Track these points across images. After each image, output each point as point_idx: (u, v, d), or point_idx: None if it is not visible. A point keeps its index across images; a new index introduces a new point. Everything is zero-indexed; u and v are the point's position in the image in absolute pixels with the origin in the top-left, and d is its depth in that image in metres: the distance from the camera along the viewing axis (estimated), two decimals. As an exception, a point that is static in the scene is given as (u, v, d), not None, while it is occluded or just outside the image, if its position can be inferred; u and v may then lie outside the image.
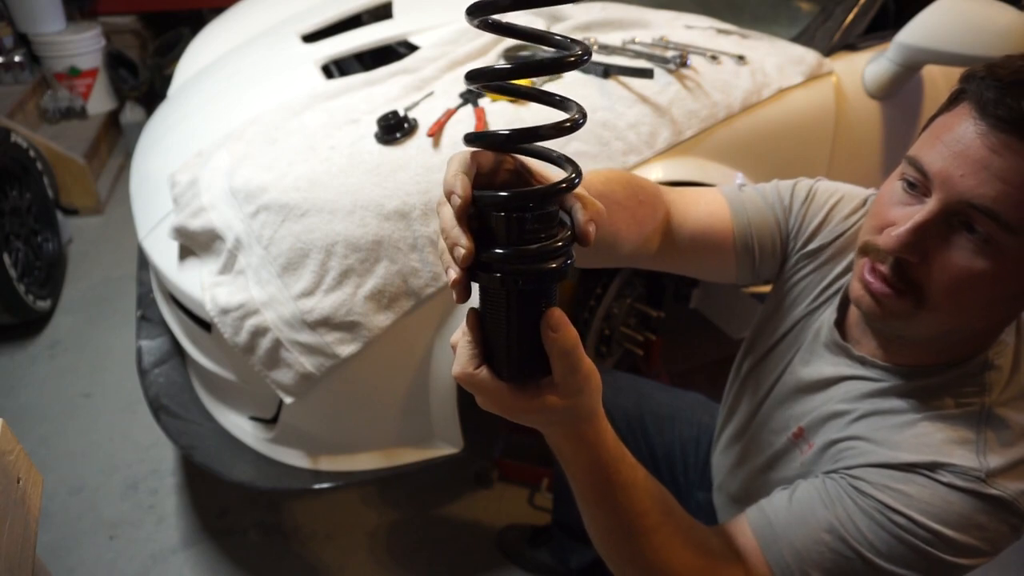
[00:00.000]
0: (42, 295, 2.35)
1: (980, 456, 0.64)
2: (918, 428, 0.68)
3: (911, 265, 0.63)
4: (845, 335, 0.79)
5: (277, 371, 1.24)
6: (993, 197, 0.57)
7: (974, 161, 0.58)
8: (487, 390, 0.49)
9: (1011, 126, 0.56)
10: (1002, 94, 0.57)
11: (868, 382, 0.74)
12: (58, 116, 3.34)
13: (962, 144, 0.59)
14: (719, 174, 1.40)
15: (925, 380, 0.70)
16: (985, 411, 0.66)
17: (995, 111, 0.57)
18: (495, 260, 0.44)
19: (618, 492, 0.59)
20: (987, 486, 0.62)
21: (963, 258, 0.60)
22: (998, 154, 0.57)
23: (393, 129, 1.28)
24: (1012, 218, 0.57)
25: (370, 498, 1.78)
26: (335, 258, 1.19)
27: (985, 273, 0.60)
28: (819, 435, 0.77)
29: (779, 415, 0.86)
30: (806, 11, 1.71)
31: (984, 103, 0.58)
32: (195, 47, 2.28)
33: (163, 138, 1.74)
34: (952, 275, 0.61)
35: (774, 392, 0.88)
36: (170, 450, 1.89)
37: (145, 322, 1.68)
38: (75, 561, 1.63)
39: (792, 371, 0.85)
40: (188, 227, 1.33)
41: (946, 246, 0.61)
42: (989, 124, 0.58)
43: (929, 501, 0.63)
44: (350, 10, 2.09)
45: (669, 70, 1.38)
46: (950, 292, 0.62)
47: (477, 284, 0.46)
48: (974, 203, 0.58)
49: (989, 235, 0.59)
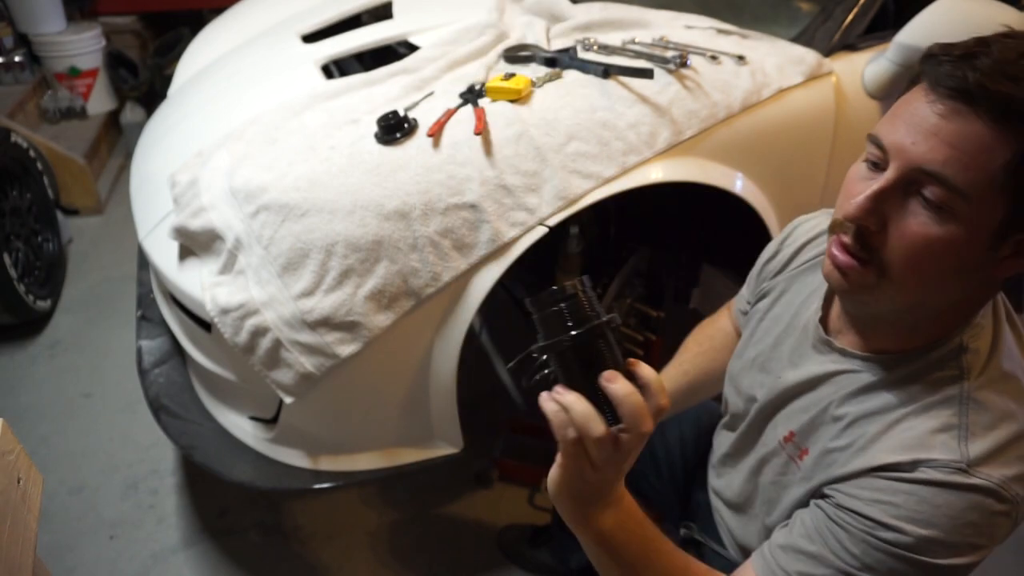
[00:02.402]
0: (42, 295, 2.35)
1: (962, 444, 0.64)
2: (903, 424, 0.69)
3: (871, 233, 0.66)
4: (828, 329, 0.81)
5: (277, 371, 1.24)
6: (942, 161, 0.60)
7: (925, 129, 0.61)
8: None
9: (959, 93, 0.59)
10: (952, 67, 0.60)
11: (852, 375, 0.75)
12: (58, 116, 3.34)
13: (916, 116, 0.62)
14: (719, 174, 1.40)
15: (905, 368, 0.71)
16: (965, 395, 0.67)
17: (945, 82, 0.60)
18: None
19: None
20: (969, 476, 0.63)
21: (919, 225, 0.63)
22: (946, 120, 0.60)
23: (393, 129, 1.28)
24: (961, 181, 0.59)
25: (370, 498, 1.78)
26: (335, 258, 1.19)
27: (940, 240, 0.62)
28: (812, 441, 0.78)
29: (770, 417, 0.87)
30: (806, 11, 1.70)
31: (936, 76, 0.61)
32: (195, 47, 2.28)
33: (163, 138, 1.74)
34: (909, 242, 0.63)
35: (763, 392, 0.88)
36: (170, 450, 1.89)
37: (145, 322, 1.68)
38: (75, 561, 1.63)
39: (781, 374, 0.86)
40: (188, 227, 1.33)
41: (903, 214, 0.64)
42: (939, 94, 0.61)
43: (916, 508, 0.64)
44: (350, 10, 2.09)
45: (669, 70, 1.38)
46: (908, 260, 0.64)
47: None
48: (925, 168, 0.61)
49: (942, 201, 0.61)
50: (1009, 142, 0.58)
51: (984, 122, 0.58)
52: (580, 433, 0.57)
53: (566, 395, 0.57)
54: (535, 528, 1.65)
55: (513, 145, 1.26)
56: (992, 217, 0.61)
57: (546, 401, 0.58)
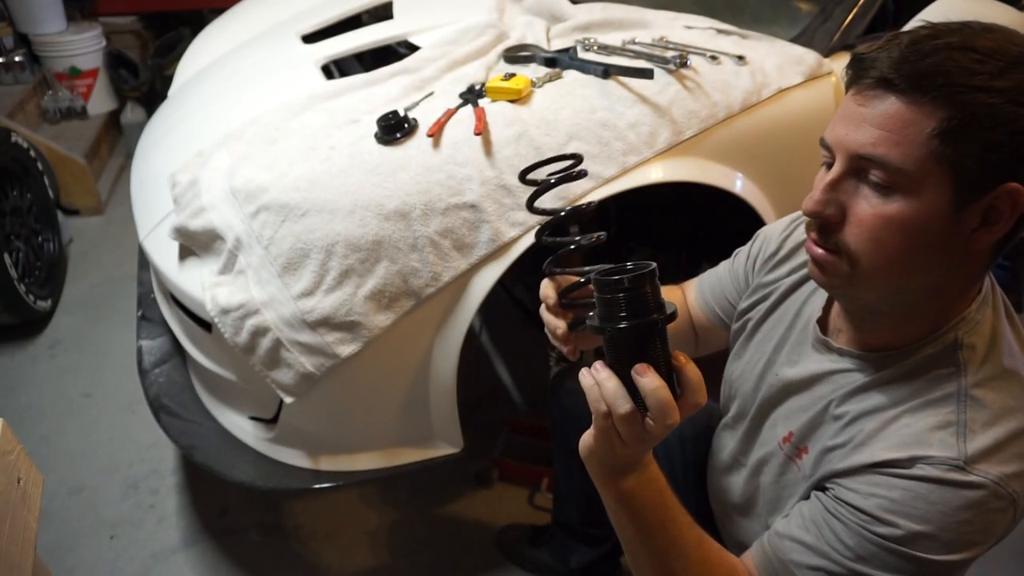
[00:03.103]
0: (43, 295, 2.35)
1: (960, 441, 0.65)
2: (901, 421, 0.69)
3: (833, 224, 0.69)
4: (827, 329, 0.82)
5: (277, 371, 1.24)
6: (873, 143, 0.63)
7: (854, 119, 0.66)
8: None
9: (876, 82, 0.64)
10: (868, 62, 0.65)
11: (849, 374, 0.76)
12: (59, 116, 3.34)
13: (846, 110, 0.67)
14: (719, 174, 1.40)
15: (901, 364, 0.72)
16: (962, 392, 0.67)
17: (865, 76, 0.65)
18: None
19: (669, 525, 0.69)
20: (966, 473, 0.63)
21: (871, 207, 0.66)
22: (869, 107, 0.64)
23: (393, 129, 1.28)
24: (895, 158, 0.63)
25: (370, 498, 1.78)
26: (335, 258, 1.19)
27: (894, 218, 0.64)
28: (811, 441, 0.78)
29: (767, 417, 0.87)
30: (806, 11, 1.71)
31: (858, 74, 0.66)
32: (195, 47, 2.28)
33: (163, 138, 1.74)
34: (865, 225, 0.66)
35: (762, 392, 0.89)
36: (170, 450, 1.89)
37: (145, 322, 1.68)
38: (75, 561, 1.63)
39: (778, 372, 0.86)
40: (188, 227, 1.33)
41: (856, 200, 0.67)
42: (861, 86, 0.66)
43: (911, 504, 0.64)
44: (350, 10, 2.09)
45: (669, 70, 1.38)
46: (870, 243, 0.66)
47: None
48: (861, 153, 0.65)
49: (886, 181, 0.64)
50: (929, 112, 0.61)
51: (902, 99, 0.62)
52: (609, 408, 0.60)
53: (601, 372, 0.61)
54: (535, 528, 1.65)
55: (513, 145, 1.26)
56: (940, 188, 0.62)
57: (584, 376, 0.63)
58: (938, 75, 0.60)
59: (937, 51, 0.61)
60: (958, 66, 0.60)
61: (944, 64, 0.60)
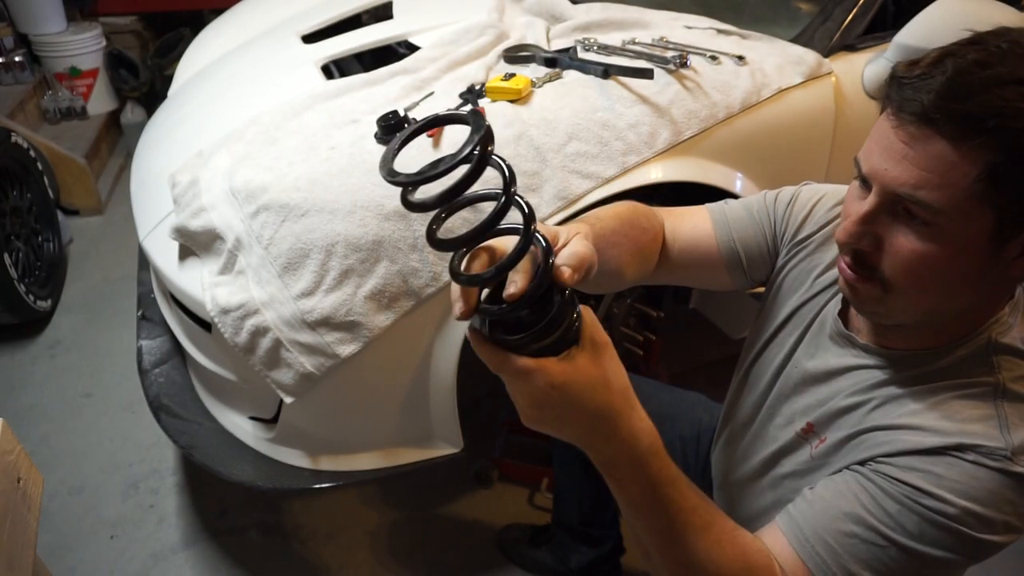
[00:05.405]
0: (43, 295, 2.35)
1: (1004, 432, 0.64)
2: (937, 411, 0.68)
3: (867, 253, 0.68)
4: (848, 325, 0.80)
5: (277, 371, 1.24)
6: (914, 184, 0.62)
7: (895, 154, 0.63)
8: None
9: (919, 118, 0.61)
10: (912, 91, 0.61)
11: (874, 370, 0.75)
12: (59, 116, 3.34)
13: (885, 141, 0.64)
14: (719, 174, 1.40)
15: (932, 364, 0.71)
16: (1000, 388, 0.67)
17: (906, 107, 0.62)
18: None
19: (666, 487, 0.61)
20: (1014, 464, 0.63)
21: (909, 242, 0.64)
22: (912, 145, 0.62)
23: (393, 129, 1.28)
24: (936, 200, 0.61)
25: (370, 498, 1.78)
26: (335, 258, 1.19)
27: (932, 254, 0.63)
28: (831, 430, 0.77)
29: (785, 409, 0.86)
30: (806, 11, 1.71)
31: (898, 102, 0.63)
32: (195, 47, 2.28)
33: (164, 138, 1.74)
34: (903, 259, 0.65)
35: (778, 385, 0.88)
36: (170, 450, 1.89)
37: (145, 322, 1.68)
38: (75, 561, 1.63)
39: (797, 363, 0.85)
40: (188, 227, 1.33)
41: (894, 233, 0.66)
42: (902, 119, 0.62)
43: (958, 479, 0.64)
44: (350, 10, 2.09)
45: (669, 70, 1.38)
46: (906, 274, 0.66)
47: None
48: (900, 192, 0.63)
49: (925, 219, 0.63)
50: (975, 157, 0.59)
51: (947, 142, 0.59)
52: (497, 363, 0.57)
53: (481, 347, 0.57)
54: (535, 528, 1.65)
55: (513, 145, 1.26)
56: (981, 226, 0.61)
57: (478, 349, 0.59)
58: (988, 117, 0.57)
59: (987, 88, 0.58)
60: (1011, 107, 0.57)
61: (994, 104, 0.57)
